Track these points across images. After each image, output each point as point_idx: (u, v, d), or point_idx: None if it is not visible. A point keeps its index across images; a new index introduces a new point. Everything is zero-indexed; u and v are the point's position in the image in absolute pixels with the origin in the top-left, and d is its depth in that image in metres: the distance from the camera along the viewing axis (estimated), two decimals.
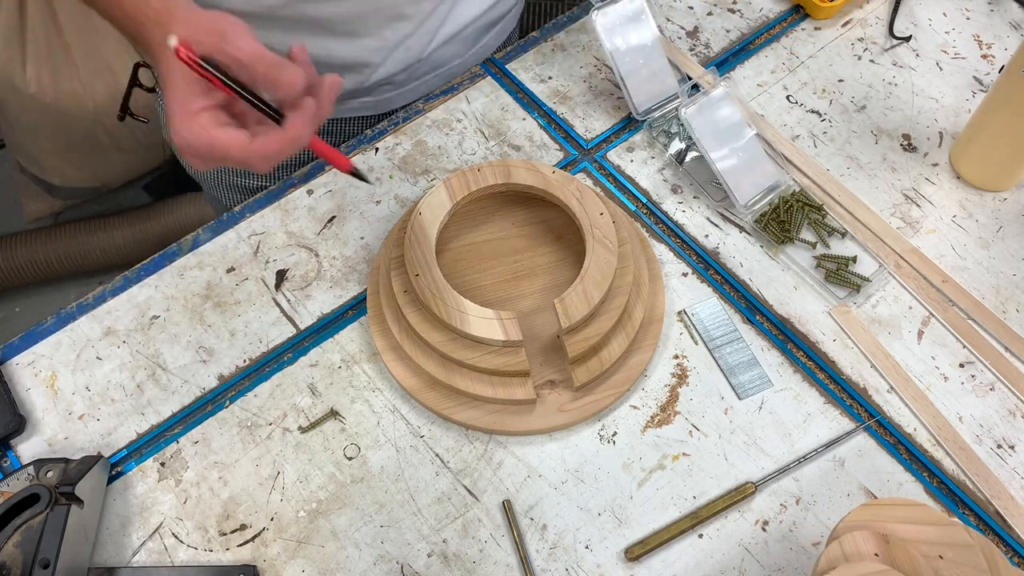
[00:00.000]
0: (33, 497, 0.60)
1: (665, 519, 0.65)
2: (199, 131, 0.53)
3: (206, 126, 0.53)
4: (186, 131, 0.53)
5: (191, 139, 0.53)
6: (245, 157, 0.54)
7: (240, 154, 0.53)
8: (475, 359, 0.66)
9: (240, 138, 0.53)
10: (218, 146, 0.53)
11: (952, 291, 0.76)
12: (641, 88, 0.85)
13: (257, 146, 0.53)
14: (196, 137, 0.53)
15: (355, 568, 0.63)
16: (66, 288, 1.82)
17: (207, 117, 0.53)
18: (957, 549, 0.51)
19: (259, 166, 0.54)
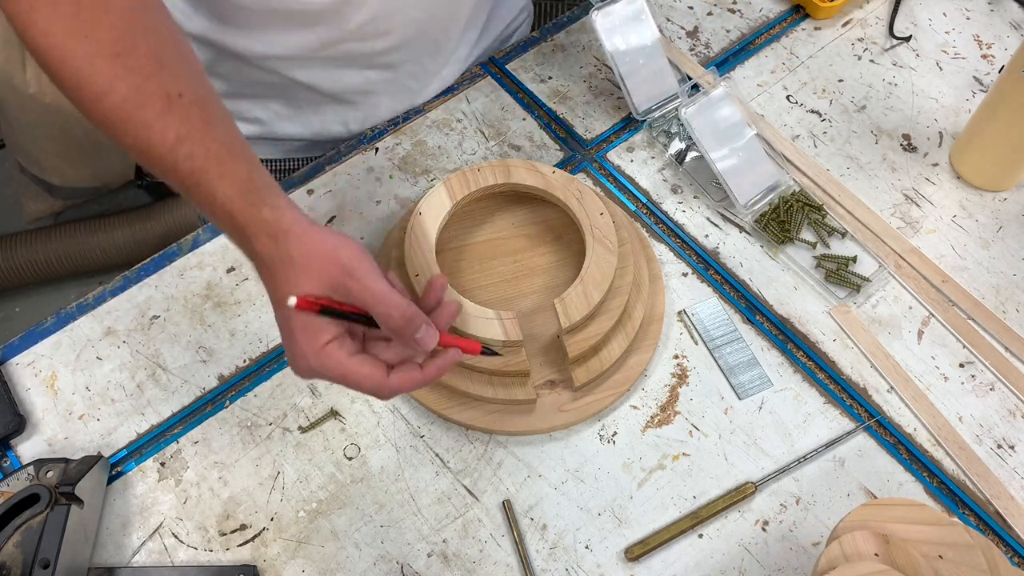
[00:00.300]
0: (33, 497, 0.60)
1: (665, 519, 0.65)
2: (330, 363, 0.52)
3: (338, 357, 0.52)
4: (315, 362, 0.52)
5: (321, 371, 0.52)
6: (378, 391, 0.53)
7: (374, 389, 0.53)
8: (475, 359, 0.66)
9: (376, 375, 0.53)
10: (352, 378, 0.52)
11: (952, 291, 0.76)
12: (641, 88, 0.85)
13: (394, 383, 0.53)
14: (328, 369, 0.52)
15: (355, 568, 0.63)
16: (66, 288, 1.82)
17: (336, 346, 0.52)
18: (957, 549, 0.51)
19: (385, 397, 0.54)
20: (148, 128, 0.51)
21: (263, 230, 0.52)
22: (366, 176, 0.84)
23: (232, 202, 0.52)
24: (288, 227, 0.52)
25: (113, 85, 0.51)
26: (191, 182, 0.52)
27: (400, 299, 0.52)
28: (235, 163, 0.53)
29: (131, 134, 0.52)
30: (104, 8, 0.51)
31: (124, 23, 0.51)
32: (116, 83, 0.51)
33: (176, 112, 0.52)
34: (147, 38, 0.52)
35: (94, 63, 0.50)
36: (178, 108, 0.52)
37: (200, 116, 0.53)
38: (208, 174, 0.52)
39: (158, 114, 0.51)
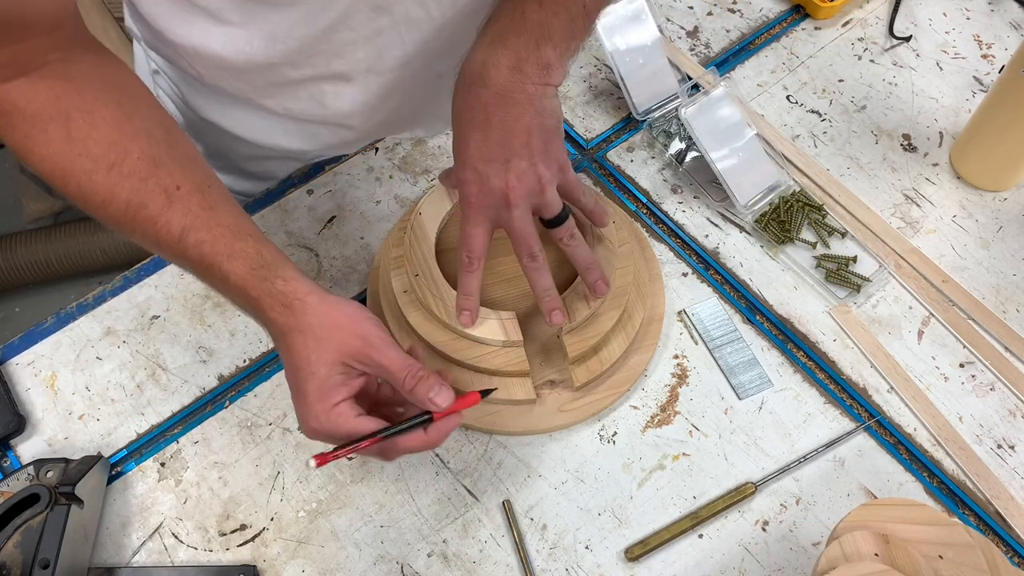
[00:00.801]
0: (33, 497, 0.60)
1: (665, 519, 0.65)
2: (339, 421, 0.54)
3: (347, 416, 0.54)
4: (324, 421, 0.54)
5: (330, 429, 0.54)
6: (384, 453, 0.56)
7: (380, 450, 0.56)
8: (475, 359, 0.66)
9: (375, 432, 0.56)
10: (353, 436, 0.55)
11: (952, 291, 0.76)
12: (641, 88, 0.85)
13: (399, 445, 0.56)
14: (336, 427, 0.54)
15: (355, 568, 0.63)
16: (66, 288, 1.82)
17: (346, 407, 0.54)
18: (957, 549, 0.51)
19: (390, 459, 0.57)
20: (153, 224, 0.54)
21: (277, 301, 0.55)
22: (366, 176, 0.84)
23: (244, 279, 0.54)
24: (303, 297, 0.55)
25: (113, 193, 0.54)
26: (202, 267, 0.55)
27: (415, 363, 0.55)
28: (242, 242, 0.55)
29: (139, 231, 0.55)
30: (91, 124, 0.54)
31: (113, 135, 0.54)
32: (115, 191, 0.54)
33: (177, 205, 0.54)
34: (138, 143, 0.55)
35: (92, 177, 0.53)
36: (178, 201, 0.54)
37: (201, 203, 0.55)
38: (218, 257, 0.54)
39: (160, 210, 0.54)
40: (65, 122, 0.53)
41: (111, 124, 0.54)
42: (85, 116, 0.54)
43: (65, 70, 0.54)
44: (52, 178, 0.54)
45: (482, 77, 0.59)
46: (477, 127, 0.59)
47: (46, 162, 0.53)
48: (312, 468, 0.54)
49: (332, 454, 0.54)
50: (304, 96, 0.72)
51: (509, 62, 0.58)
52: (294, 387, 0.55)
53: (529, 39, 0.58)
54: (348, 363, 0.55)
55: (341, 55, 0.67)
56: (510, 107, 0.59)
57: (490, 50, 0.59)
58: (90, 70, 0.56)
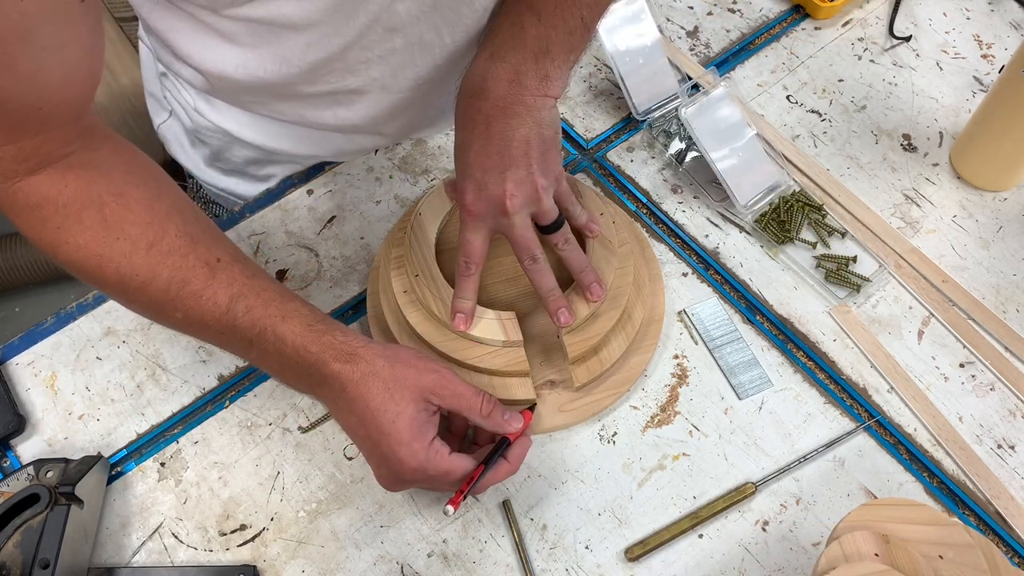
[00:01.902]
0: (33, 497, 0.60)
1: (665, 519, 0.65)
2: (437, 459, 0.56)
3: (443, 454, 0.56)
4: (424, 459, 0.55)
5: (428, 466, 0.55)
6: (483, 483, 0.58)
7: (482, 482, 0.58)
8: (475, 359, 0.66)
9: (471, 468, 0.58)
10: (454, 475, 0.57)
11: (952, 291, 0.76)
12: (641, 88, 0.85)
13: (491, 476, 0.58)
14: (436, 466, 0.56)
15: (355, 568, 0.63)
16: (66, 288, 1.82)
17: (439, 444, 0.56)
18: (957, 549, 0.51)
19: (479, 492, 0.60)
20: (198, 298, 0.54)
21: (340, 351, 0.55)
22: (366, 176, 0.84)
23: (304, 336, 0.55)
24: (365, 346, 0.56)
25: (155, 271, 0.54)
26: (254, 333, 0.55)
27: (487, 393, 0.59)
28: (293, 303, 0.56)
29: (181, 309, 0.55)
30: (126, 207, 0.54)
31: (148, 215, 0.54)
32: (157, 270, 0.54)
33: (221, 276, 0.55)
34: (173, 220, 0.55)
35: (132, 260, 0.53)
36: (221, 272, 0.55)
37: (244, 272, 0.56)
38: (271, 319, 0.55)
39: (205, 283, 0.54)
40: (99, 208, 0.53)
41: (144, 205, 0.55)
42: (118, 200, 0.54)
43: (90, 158, 0.54)
44: (87, 266, 0.54)
45: (482, 90, 0.60)
46: (477, 137, 0.60)
47: (82, 250, 0.53)
48: (451, 515, 0.55)
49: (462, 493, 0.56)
50: (317, 107, 0.73)
51: (508, 75, 0.59)
52: (377, 432, 0.55)
53: (528, 53, 0.59)
54: (428, 399, 0.56)
55: (355, 72, 0.68)
56: (509, 118, 0.60)
57: (489, 64, 0.60)
58: (112, 156, 0.55)
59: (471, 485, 0.57)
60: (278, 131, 0.78)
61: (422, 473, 0.55)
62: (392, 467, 0.55)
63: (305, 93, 0.70)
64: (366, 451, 0.57)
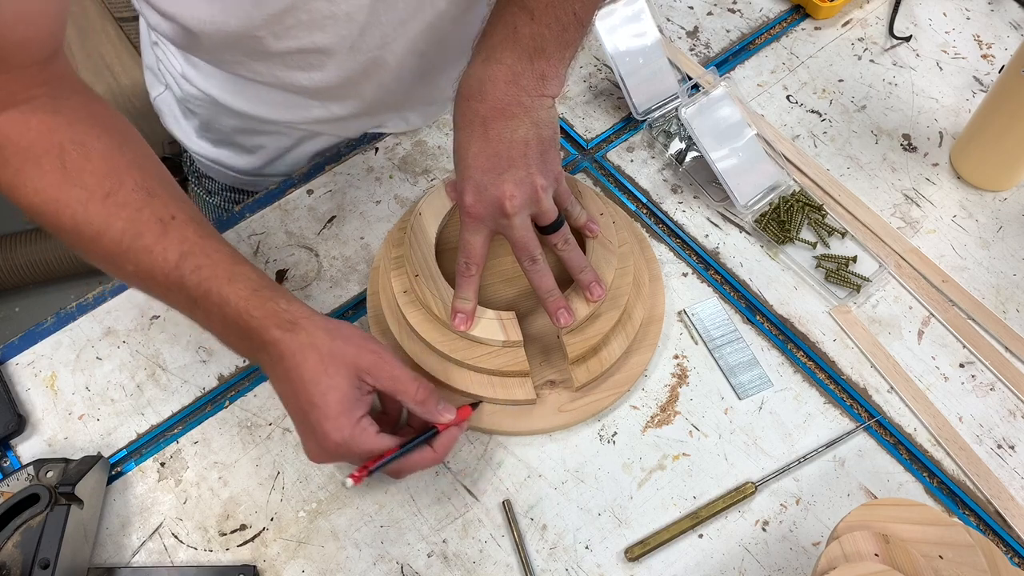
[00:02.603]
0: (33, 497, 0.60)
1: (665, 519, 0.65)
2: (363, 437, 0.56)
3: (369, 433, 0.56)
4: (349, 435, 0.55)
5: (354, 444, 0.56)
6: (397, 470, 0.59)
7: (396, 467, 0.59)
8: (475, 359, 0.66)
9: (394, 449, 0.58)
10: (376, 453, 0.57)
11: (952, 291, 0.76)
12: (641, 88, 0.85)
13: (412, 461, 0.59)
14: (359, 443, 0.56)
15: (355, 568, 0.63)
16: (66, 288, 1.82)
17: (367, 423, 0.57)
18: (957, 549, 0.51)
19: (401, 476, 0.61)
20: (149, 252, 0.54)
21: (282, 319, 0.55)
22: (366, 176, 0.84)
23: (247, 300, 0.55)
24: (308, 316, 0.56)
25: (108, 222, 0.54)
26: (199, 292, 0.55)
27: (423, 379, 0.59)
28: (241, 267, 0.56)
29: (132, 262, 0.55)
30: (86, 157, 0.55)
31: (107, 165, 0.55)
32: (111, 220, 0.54)
33: (173, 233, 0.55)
34: (132, 173, 0.56)
35: (87, 207, 0.54)
36: (174, 229, 0.55)
37: (197, 232, 0.56)
38: (217, 280, 0.55)
39: (156, 238, 0.54)
40: (59, 155, 0.54)
41: (104, 156, 0.55)
42: (79, 149, 0.54)
43: (55, 106, 0.55)
44: (44, 211, 0.54)
45: (479, 92, 0.60)
46: (476, 139, 0.60)
47: (39, 195, 0.54)
48: (349, 487, 0.55)
49: (367, 470, 0.56)
50: (289, 67, 0.73)
51: (505, 76, 0.59)
52: (307, 403, 0.55)
53: (523, 53, 0.60)
54: (363, 378, 0.56)
55: (323, 28, 0.68)
56: (507, 119, 0.60)
57: (485, 66, 0.60)
58: (79, 107, 0.56)
59: (378, 463, 0.57)
60: (258, 95, 0.79)
61: (345, 449, 0.55)
62: (318, 439, 0.56)
63: (274, 50, 0.70)
64: (296, 421, 0.57)
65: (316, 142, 0.87)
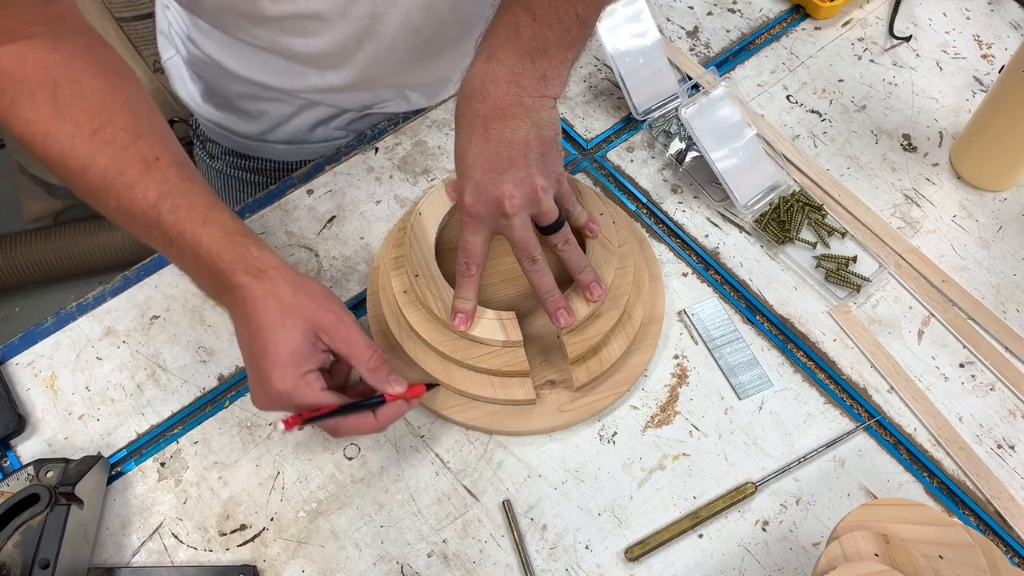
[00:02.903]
0: (33, 497, 0.60)
1: (665, 519, 0.65)
2: (306, 391, 0.57)
3: (314, 387, 0.57)
4: (292, 386, 0.56)
5: (295, 396, 0.57)
6: (335, 429, 0.60)
7: (333, 425, 0.60)
8: (475, 359, 0.66)
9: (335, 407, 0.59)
10: (315, 407, 0.58)
11: (952, 291, 0.76)
12: (641, 88, 0.85)
13: (351, 424, 0.60)
14: (301, 396, 0.57)
15: (355, 568, 0.63)
16: (66, 288, 1.82)
17: (313, 378, 0.58)
18: (957, 549, 0.51)
19: (339, 436, 0.61)
20: (130, 189, 0.56)
21: (250, 265, 0.57)
22: (366, 176, 0.84)
23: (219, 244, 0.57)
24: (277, 267, 0.58)
25: (94, 158, 0.56)
26: (175, 232, 0.57)
27: (378, 347, 0.60)
28: (217, 212, 0.58)
29: (114, 197, 0.57)
30: (78, 93, 0.57)
31: (98, 103, 0.57)
32: (96, 156, 0.56)
33: (155, 173, 0.57)
34: (122, 113, 0.58)
35: (74, 141, 0.56)
36: (156, 169, 0.57)
37: (179, 174, 0.58)
38: (192, 221, 0.57)
39: (138, 176, 0.56)
40: (53, 89, 0.56)
41: (97, 95, 0.57)
42: (72, 85, 0.56)
43: (54, 44, 0.57)
44: (34, 142, 0.57)
45: (481, 92, 0.60)
46: (476, 139, 0.61)
47: (30, 125, 0.56)
48: (281, 432, 0.56)
49: (301, 418, 0.56)
50: (287, 32, 0.75)
51: (506, 76, 0.60)
52: (259, 349, 0.56)
53: (524, 53, 0.60)
54: (319, 335, 0.58)
55: None
56: (508, 119, 0.60)
57: (487, 66, 0.60)
58: (80, 47, 0.58)
59: (316, 416, 0.57)
60: (259, 61, 0.81)
61: (287, 399, 0.57)
62: (263, 386, 0.57)
63: (270, 13, 0.71)
64: (248, 366, 0.59)
65: (316, 111, 0.88)
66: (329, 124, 0.91)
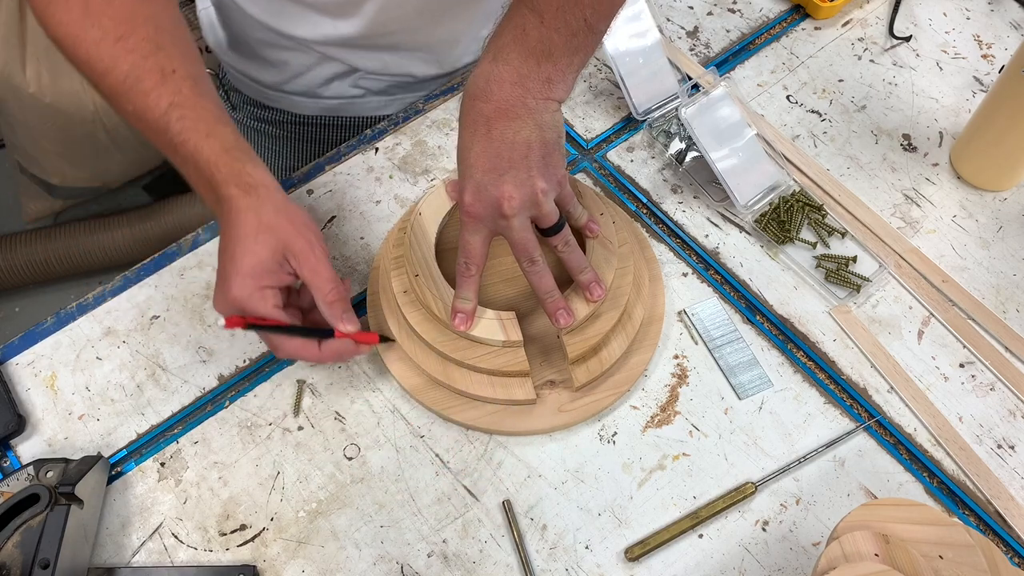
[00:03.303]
0: (33, 497, 0.60)
1: (665, 519, 0.65)
2: (260, 304, 0.60)
3: (268, 303, 0.60)
4: (247, 297, 0.59)
5: (249, 306, 0.59)
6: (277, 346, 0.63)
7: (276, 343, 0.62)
8: (475, 359, 0.66)
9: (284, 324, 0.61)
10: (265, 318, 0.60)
11: (952, 291, 0.76)
12: (641, 88, 0.85)
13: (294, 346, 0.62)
14: (255, 308, 0.60)
15: (355, 568, 0.63)
16: (66, 288, 1.82)
17: (271, 293, 0.60)
18: (957, 549, 0.51)
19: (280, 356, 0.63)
20: (145, 96, 0.60)
21: (242, 180, 0.60)
22: (366, 176, 0.84)
23: (217, 157, 0.60)
24: (267, 186, 0.61)
25: (116, 63, 0.60)
26: (179, 140, 0.61)
27: (343, 286, 0.63)
28: (222, 128, 0.62)
29: (131, 102, 0.61)
30: (108, 3, 0.61)
31: (126, 12, 0.61)
32: (118, 62, 0.60)
33: (170, 84, 0.61)
34: (146, 26, 0.61)
35: (100, 46, 0.60)
36: (171, 81, 0.61)
37: (192, 88, 0.61)
38: (196, 133, 0.60)
39: (154, 85, 0.60)
40: None
41: (126, 5, 0.61)
42: None
43: None
44: (64, 44, 0.61)
45: (485, 92, 0.60)
46: (479, 139, 0.61)
47: (62, 27, 0.61)
48: (220, 326, 0.57)
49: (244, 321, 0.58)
50: None
51: (511, 77, 0.60)
52: (228, 256, 0.60)
53: (530, 55, 0.60)
54: (287, 257, 0.61)
55: None
56: (511, 120, 0.60)
57: (492, 66, 0.60)
58: None
59: (259, 325, 0.59)
60: (276, 7, 0.85)
61: (241, 306, 0.59)
62: (223, 288, 0.60)
63: None
64: (218, 269, 0.62)
65: (330, 66, 0.91)
66: (345, 80, 0.93)
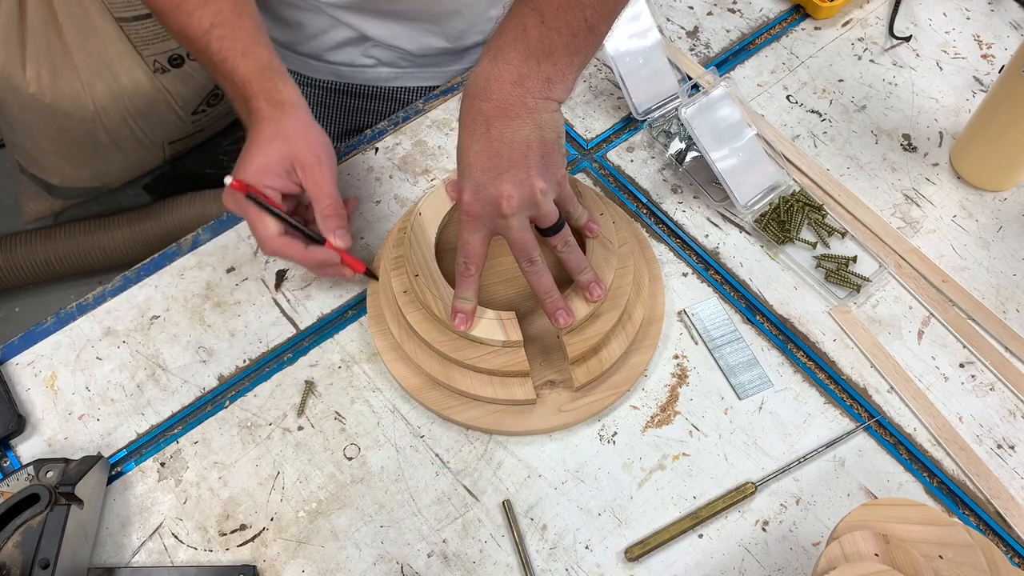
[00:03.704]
0: (33, 497, 0.60)
1: (665, 519, 0.65)
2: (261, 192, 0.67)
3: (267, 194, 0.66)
4: (254, 180, 0.66)
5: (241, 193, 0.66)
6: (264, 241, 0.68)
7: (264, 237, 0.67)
8: (475, 359, 0.66)
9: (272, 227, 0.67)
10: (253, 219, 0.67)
11: (952, 291, 0.76)
12: (641, 88, 0.85)
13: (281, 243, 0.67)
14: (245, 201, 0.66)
15: (355, 568, 0.63)
16: (66, 288, 1.82)
17: (271, 192, 0.67)
18: (957, 549, 0.51)
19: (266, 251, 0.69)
20: (189, 15, 0.68)
21: (272, 96, 0.67)
22: (366, 176, 0.84)
23: (252, 75, 0.68)
24: (295, 103, 0.68)
25: None
26: (218, 58, 0.68)
27: (343, 203, 0.69)
28: (258, 48, 0.69)
29: (176, 21, 0.69)
30: None
31: None
32: None
33: (212, 5, 0.68)
34: None
35: None
36: (214, 3, 0.68)
37: (232, 9, 0.69)
38: (234, 52, 0.68)
39: (198, 5, 0.68)
40: None
41: None
42: None
43: None
44: None
45: (485, 91, 0.61)
46: (478, 139, 0.61)
47: None
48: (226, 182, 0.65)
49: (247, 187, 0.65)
50: None
51: (511, 76, 0.60)
52: (244, 153, 0.68)
53: (530, 55, 0.60)
54: (295, 168, 0.67)
55: None
56: (510, 120, 0.60)
57: (493, 65, 0.61)
58: None
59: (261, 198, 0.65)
60: None
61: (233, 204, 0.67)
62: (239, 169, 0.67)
63: None
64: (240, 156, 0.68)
65: (342, 31, 0.94)
66: (356, 48, 0.95)
